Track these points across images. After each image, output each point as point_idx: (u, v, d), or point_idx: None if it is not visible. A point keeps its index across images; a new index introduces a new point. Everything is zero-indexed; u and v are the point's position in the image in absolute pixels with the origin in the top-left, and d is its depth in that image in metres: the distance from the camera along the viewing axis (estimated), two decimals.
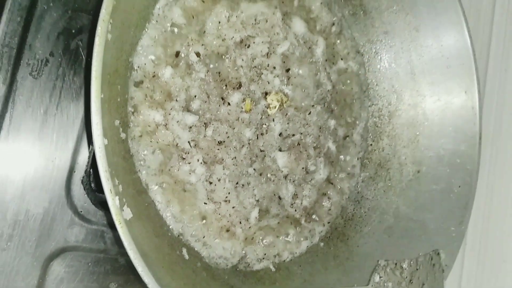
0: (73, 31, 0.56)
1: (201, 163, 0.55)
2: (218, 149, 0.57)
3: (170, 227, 0.53)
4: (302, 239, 0.63)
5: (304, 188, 0.64)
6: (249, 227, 0.58)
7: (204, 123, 0.56)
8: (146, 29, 0.52)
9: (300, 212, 0.64)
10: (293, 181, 0.63)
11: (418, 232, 0.64)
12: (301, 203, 0.64)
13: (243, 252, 0.58)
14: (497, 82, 0.71)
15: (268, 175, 0.61)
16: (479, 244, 0.69)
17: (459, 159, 0.64)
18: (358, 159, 0.70)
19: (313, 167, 0.65)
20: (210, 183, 0.56)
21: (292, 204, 0.63)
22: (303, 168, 0.64)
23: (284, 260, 0.62)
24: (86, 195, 0.56)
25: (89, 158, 0.55)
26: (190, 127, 0.55)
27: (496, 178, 0.68)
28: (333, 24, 0.67)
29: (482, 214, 0.69)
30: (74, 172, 0.56)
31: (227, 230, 0.56)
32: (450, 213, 0.63)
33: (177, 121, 0.54)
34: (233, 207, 0.57)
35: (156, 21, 0.53)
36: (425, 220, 0.64)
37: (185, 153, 0.54)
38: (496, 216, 0.68)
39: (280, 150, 0.62)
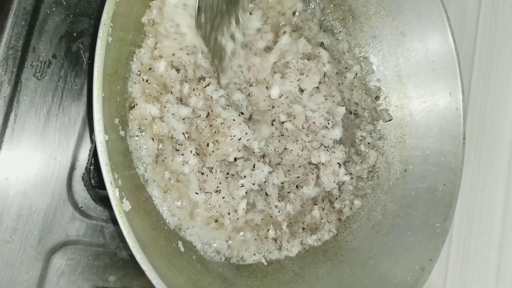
0: (75, 34, 0.58)
1: (194, 154, 0.57)
2: None
3: (167, 220, 0.55)
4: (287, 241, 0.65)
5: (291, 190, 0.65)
6: (237, 218, 0.60)
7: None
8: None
9: (283, 216, 0.64)
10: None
11: (404, 228, 0.66)
12: (285, 207, 0.64)
13: (231, 243, 0.60)
14: (481, 84, 0.73)
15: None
16: (463, 240, 0.71)
17: (444, 158, 0.67)
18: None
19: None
20: (202, 173, 0.58)
21: (276, 206, 0.64)
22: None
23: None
24: (86, 191, 0.59)
25: (89, 155, 0.58)
26: (184, 119, 0.57)
27: (479, 176, 0.70)
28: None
29: (467, 211, 0.71)
30: (75, 169, 0.58)
31: (216, 221, 0.58)
32: (435, 210, 0.65)
33: (172, 114, 0.55)
34: (223, 198, 0.58)
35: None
36: (411, 217, 0.66)
37: (179, 145, 0.56)
38: (479, 212, 0.70)
39: None
